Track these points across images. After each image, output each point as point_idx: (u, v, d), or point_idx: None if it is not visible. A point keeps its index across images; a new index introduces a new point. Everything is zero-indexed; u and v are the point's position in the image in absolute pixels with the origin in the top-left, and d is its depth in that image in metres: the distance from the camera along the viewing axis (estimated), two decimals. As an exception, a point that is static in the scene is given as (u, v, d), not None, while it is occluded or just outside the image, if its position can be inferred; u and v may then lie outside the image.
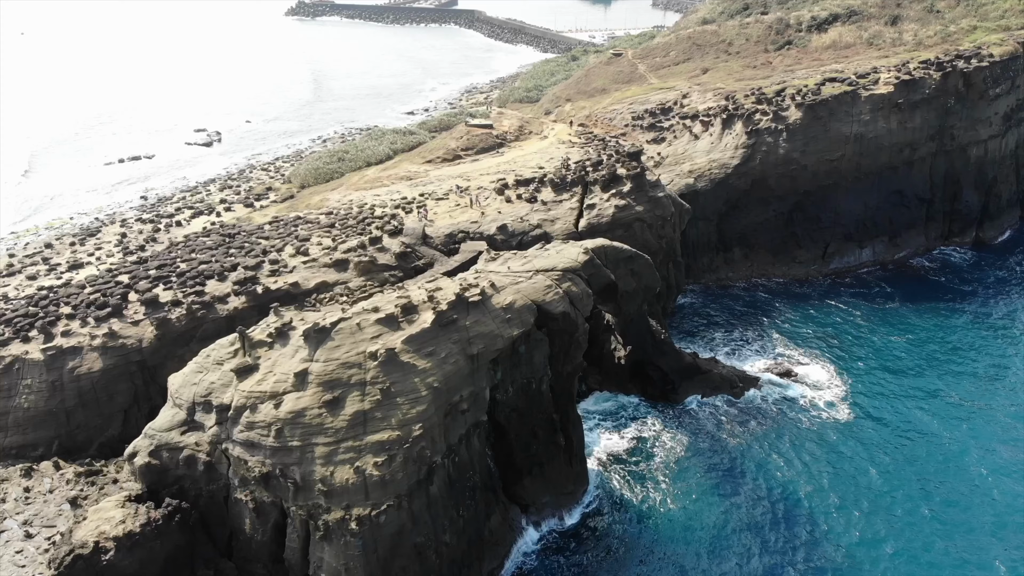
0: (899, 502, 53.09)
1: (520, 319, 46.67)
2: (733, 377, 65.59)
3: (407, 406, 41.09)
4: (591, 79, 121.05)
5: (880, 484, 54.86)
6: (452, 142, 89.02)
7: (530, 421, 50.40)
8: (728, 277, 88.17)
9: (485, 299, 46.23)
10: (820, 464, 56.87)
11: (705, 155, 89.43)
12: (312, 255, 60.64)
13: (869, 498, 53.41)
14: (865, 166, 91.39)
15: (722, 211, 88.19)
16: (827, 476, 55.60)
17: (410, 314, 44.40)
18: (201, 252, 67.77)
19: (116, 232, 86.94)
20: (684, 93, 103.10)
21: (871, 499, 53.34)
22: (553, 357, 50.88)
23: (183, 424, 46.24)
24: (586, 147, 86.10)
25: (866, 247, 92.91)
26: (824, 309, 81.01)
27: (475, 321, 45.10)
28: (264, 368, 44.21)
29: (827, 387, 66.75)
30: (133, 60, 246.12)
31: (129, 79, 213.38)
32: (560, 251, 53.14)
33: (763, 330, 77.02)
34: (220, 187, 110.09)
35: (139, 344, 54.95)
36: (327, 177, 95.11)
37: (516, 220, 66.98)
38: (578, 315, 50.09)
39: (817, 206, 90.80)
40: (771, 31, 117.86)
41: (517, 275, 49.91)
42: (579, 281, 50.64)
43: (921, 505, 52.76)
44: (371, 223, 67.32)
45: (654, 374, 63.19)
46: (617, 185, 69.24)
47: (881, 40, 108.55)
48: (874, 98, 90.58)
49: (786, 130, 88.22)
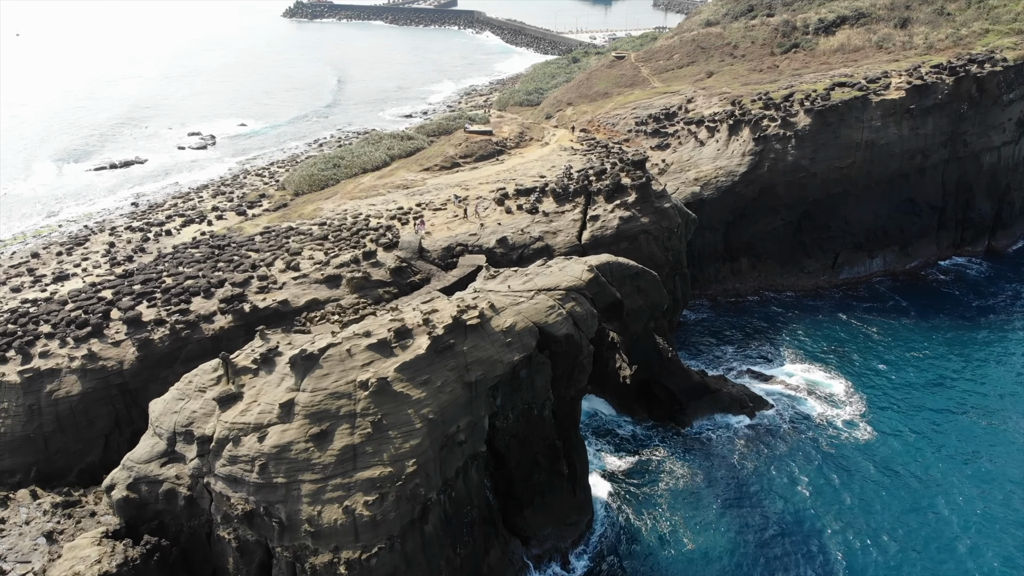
0: (931, 538, 49.84)
1: (521, 343, 43.96)
2: (743, 396, 62.88)
3: (400, 440, 38.36)
4: (593, 82, 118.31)
5: (910, 517, 51.58)
6: (450, 149, 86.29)
7: (531, 449, 47.70)
8: (735, 288, 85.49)
9: (484, 322, 43.51)
10: (843, 491, 53.89)
11: (711, 162, 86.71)
12: (303, 270, 57.90)
13: (896, 532, 50.41)
14: (876, 173, 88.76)
15: (729, 220, 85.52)
16: (851, 505, 52.63)
17: (404, 339, 41.68)
18: (189, 265, 65.07)
19: (105, 241, 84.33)
20: (689, 97, 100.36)
21: (898, 533, 50.31)
22: (556, 380, 48.17)
23: (163, 455, 43.59)
24: (588, 154, 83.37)
25: (876, 256, 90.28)
26: (836, 322, 78.33)
27: (473, 346, 42.38)
28: (248, 397, 41.49)
29: (843, 404, 64.08)
30: (127, 62, 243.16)
31: (122, 81, 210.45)
32: (563, 268, 50.42)
33: (774, 344, 74.34)
34: (213, 193, 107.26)
35: (120, 366, 52.22)
36: (322, 184, 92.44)
37: (516, 232, 64.27)
38: (582, 337, 47.38)
39: (826, 215, 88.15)
40: (777, 33, 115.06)
41: (518, 295, 47.19)
42: (583, 301, 47.92)
43: (958, 542, 49.40)
44: (365, 235, 64.58)
45: (661, 394, 60.49)
46: (622, 195, 66.52)
47: (891, 43, 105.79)
48: (885, 103, 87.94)
49: (795, 136, 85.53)
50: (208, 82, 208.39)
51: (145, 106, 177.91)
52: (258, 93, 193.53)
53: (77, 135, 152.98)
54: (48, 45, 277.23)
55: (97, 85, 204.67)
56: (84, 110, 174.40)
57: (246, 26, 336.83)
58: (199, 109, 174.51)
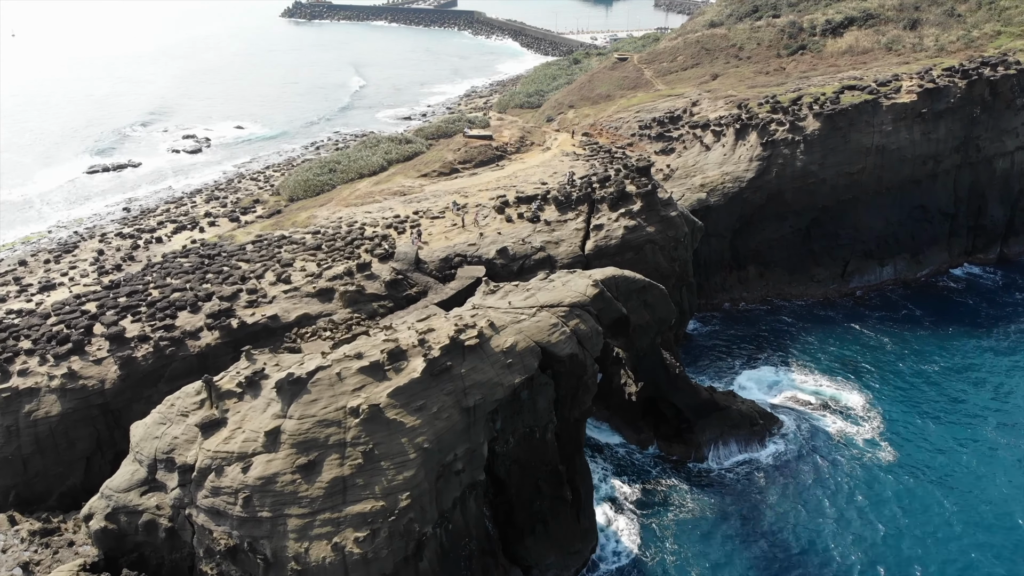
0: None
1: (523, 364, 41.49)
2: (753, 412, 60.36)
3: (393, 471, 35.90)
4: (595, 84, 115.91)
5: (941, 549, 48.41)
6: (449, 154, 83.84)
7: (533, 474, 45.23)
8: (743, 297, 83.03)
9: (483, 342, 41.06)
10: (867, 521, 50.73)
11: (717, 167, 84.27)
12: (294, 283, 55.46)
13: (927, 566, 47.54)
14: (887, 179, 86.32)
15: (736, 227, 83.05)
16: (879, 537, 49.46)
17: (398, 361, 39.22)
18: (177, 276, 62.63)
19: (94, 249, 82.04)
20: (693, 100, 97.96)
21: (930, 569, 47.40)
22: (559, 402, 45.71)
23: (143, 483, 41.14)
24: (591, 160, 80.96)
25: (887, 265, 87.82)
26: (848, 332, 75.87)
27: (472, 368, 39.91)
28: (232, 423, 39.05)
29: (861, 421, 61.52)
30: (122, 63, 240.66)
31: (116, 83, 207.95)
32: (566, 283, 47.95)
33: (784, 356, 71.89)
34: (206, 198, 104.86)
35: (101, 385, 49.79)
36: (317, 189, 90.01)
37: (517, 242, 61.83)
38: (587, 356, 44.92)
39: (836, 222, 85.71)
40: (783, 35, 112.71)
41: (519, 312, 44.72)
42: (588, 318, 45.45)
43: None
44: (360, 245, 62.16)
45: (668, 411, 58.01)
46: (626, 204, 64.09)
47: (900, 45, 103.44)
48: (896, 107, 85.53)
49: (803, 141, 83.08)
50: (203, 84, 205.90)
51: (139, 108, 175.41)
52: (254, 95, 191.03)
53: (70, 137, 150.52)
54: (44, 46, 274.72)
55: (91, 86, 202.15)
56: (78, 112, 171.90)
57: (244, 26, 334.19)
58: (194, 111, 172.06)
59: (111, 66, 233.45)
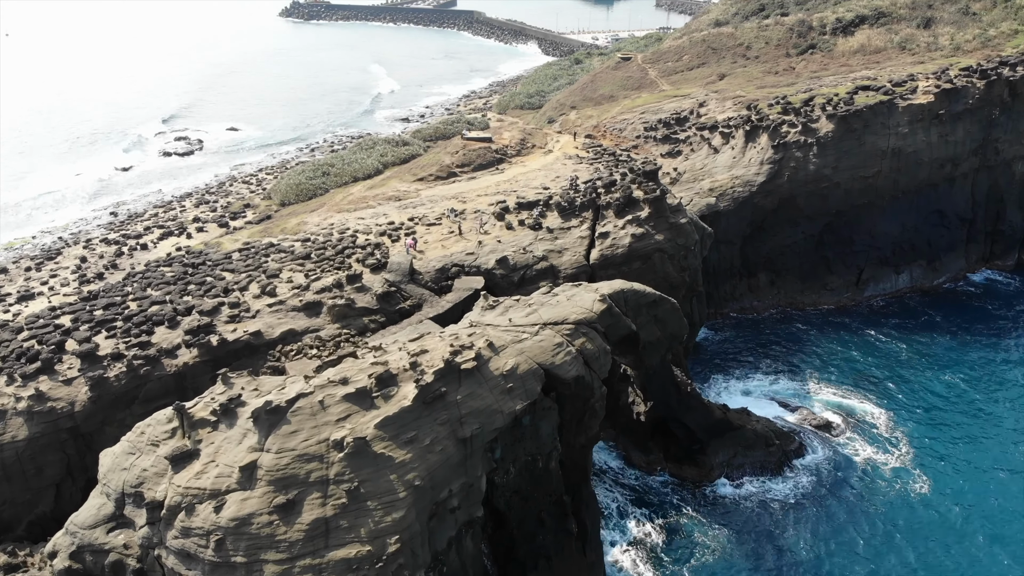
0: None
1: (524, 388, 37.95)
2: (769, 432, 56.88)
3: (380, 512, 32.34)
4: (597, 85, 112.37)
5: None
6: (446, 157, 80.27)
7: (536, 506, 41.70)
8: (753, 306, 79.54)
9: (481, 364, 37.52)
10: (899, 554, 47.15)
11: (727, 171, 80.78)
12: (280, 295, 51.93)
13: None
14: (903, 183, 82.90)
15: (746, 233, 79.59)
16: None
17: (387, 386, 35.66)
18: (157, 287, 59.16)
19: (77, 255, 78.62)
20: (700, 101, 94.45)
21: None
22: (563, 427, 42.18)
23: (110, 519, 37.60)
24: (595, 163, 77.42)
25: (903, 272, 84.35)
26: (865, 342, 72.41)
27: (468, 394, 36.37)
28: (205, 455, 35.49)
29: (882, 439, 57.99)
30: (114, 63, 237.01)
31: (108, 83, 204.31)
32: (571, 297, 44.40)
33: (798, 368, 68.42)
34: (196, 202, 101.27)
35: (70, 408, 46.29)
36: (310, 193, 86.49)
37: (518, 251, 58.29)
38: (594, 378, 41.40)
39: (850, 227, 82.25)
40: (792, 34, 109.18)
41: (520, 330, 41.18)
42: (595, 336, 41.92)
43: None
44: (352, 254, 58.64)
45: (678, 432, 54.49)
46: (633, 210, 60.55)
47: (915, 44, 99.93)
48: (913, 108, 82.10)
49: (816, 143, 79.63)
50: (197, 85, 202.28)
51: (130, 108, 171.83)
52: (248, 96, 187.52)
53: (59, 138, 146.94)
54: (37, 46, 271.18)
55: (82, 86, 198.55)
56: (64, 113, 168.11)
57: (240, 26, 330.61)
58: (187, 112, 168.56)
59: (100, 67, 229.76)
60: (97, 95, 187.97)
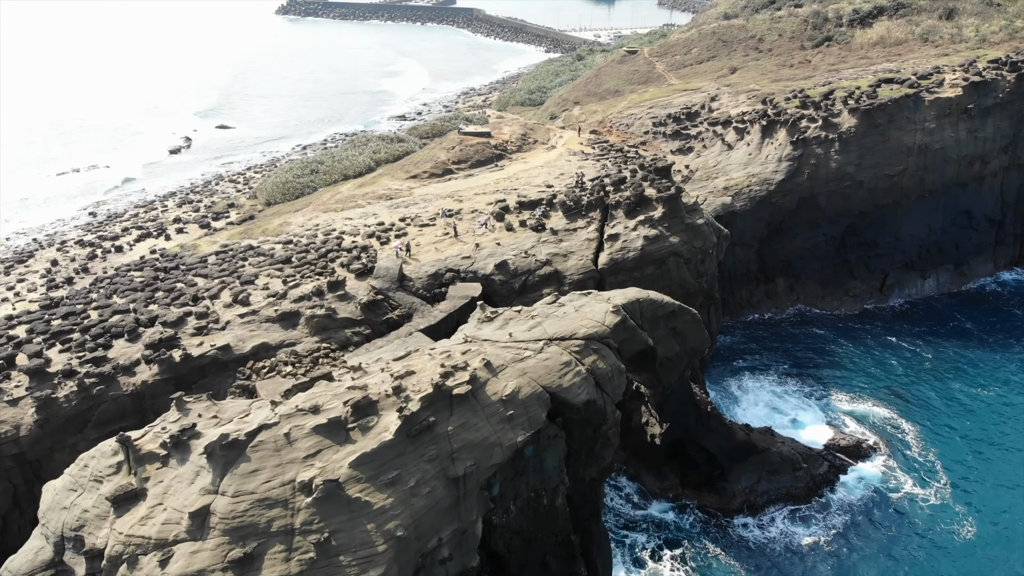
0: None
1: (527, 416, 32.65)
2: (795, 455, 51.56)
3: (356, 569, 27.04)
4: (602, 79, 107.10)
5: None
6: (442, 153, 74.89)
7: (540, 548, 36.38)
8: (771, 313, 74.19)
9: (477, 389, 32.22)
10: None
11: (742, 168, 75.49)
12: (253, 304, 46.58)
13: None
14: (930, 182, 77.60)
15: (763, 235, 74.32)
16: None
17: (365, 416, 30.34)
18: (123, 294, 53.83)
19: (49, 258, 73.46)
20: (712, 95, 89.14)
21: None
22: (572, 457, 36.89)
23: (48, 566, 32.19)
24: (602, 159, 72.10)
25: (929, 277, 79.06)
26: (891, 351, 67.20)
27: (462, 424, 31.06)
28: (152, 497, 30.19)
29: (920, 470, 52.50)
30: (105, 62, 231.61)
31: (98, 82, 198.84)
32: (580, 308, 39.07)
33: (821, 381, 63.18)
34: (179, 202, 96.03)
35: (15, 432, 40.98)
36: (297, 192, 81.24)
37: (519, 254, 52.95)
38: (607, 401, 36.10)
39: (874, 229, 76.93)
40: (807, 26, 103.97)
41: (522, 346, 35.86)
42: (608, 353, 36.61)
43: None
44: (336, 257, 53.33)
45: (697, 456, 49.16)
46: (646, 210, 55.24)
47: (937, 36, 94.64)
48: (940, 102, 76.87)
49: (838, 139, 74.34)
50: (188, 82, 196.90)
51: (117, 107, 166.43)
52: (240, 93, 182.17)
53: (34, 138, 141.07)
54: (29, 45, 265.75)
55: (67, 86, 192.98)
56: (46, 111, 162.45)
57: (236, 24, 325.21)
58: (176, 109, 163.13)
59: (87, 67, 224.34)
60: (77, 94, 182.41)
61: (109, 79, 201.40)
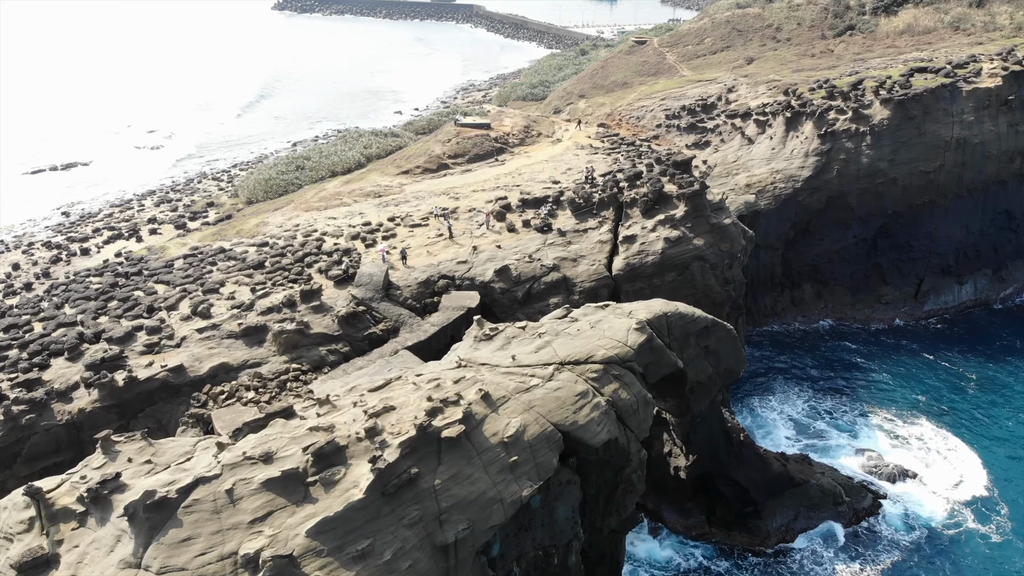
0: None
1: (535, 462, 26.36)
2: (837, 486, 45.24)
3: (313, 675, 20.71)
4: (609, 71, 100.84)
5: None
6: (437, 147, 68.53)
7: (549, 615, 29.98)
8: (797, 323, 67.89)
9: (472, 429, 25.92)
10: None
11: (765, 164, 69.18)
12: (215, 316, 40.30)
13: None
14: (968, 179, 71.20)
15: (789, 237, 68.03)
16: None
17: (330, 466, 24.04)
18: (75, 303, 47.62)
19: (12, 262, 67.63)
20: (729, 86, 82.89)
21: None
22: (587, 505, 30.59)
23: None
24: (613, 153, 65.81)
25: (966, 282, 72.69)
26: (931, 369, 60.89)
27: (452, 476, 24.76)
28: (65, 567, 23.93)
29: (977, 504, 46.07)
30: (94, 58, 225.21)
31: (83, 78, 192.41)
32: (597, 324, 32.75)
33: (856, 399, 56.90)
34: (157, 201, 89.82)
35: (-74, 469, 34.72)
36: (280, 190, 75.07)
37: (522, 259, 46.67)
38: (631, 439, 29.80)
39: (908, 231, 70.61)
40: (827, 14, 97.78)
41: (528, 373, 29.56)
42: (632, 380, 30.30)
43: None
44: (315, 262, 47.11)
45: (727, 491, 42.80)
46: (666, 208, 48.96)
47: (969, 24, 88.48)
48: (978, 93, 70.62)
49: (870, 132, 68.03)
50: (179, 79, 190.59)
51: (103, 103, 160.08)
52: (232, 89, 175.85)
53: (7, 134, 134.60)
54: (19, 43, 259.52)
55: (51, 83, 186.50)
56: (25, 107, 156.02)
57: (232, 20, 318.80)
58: (164, 106, 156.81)
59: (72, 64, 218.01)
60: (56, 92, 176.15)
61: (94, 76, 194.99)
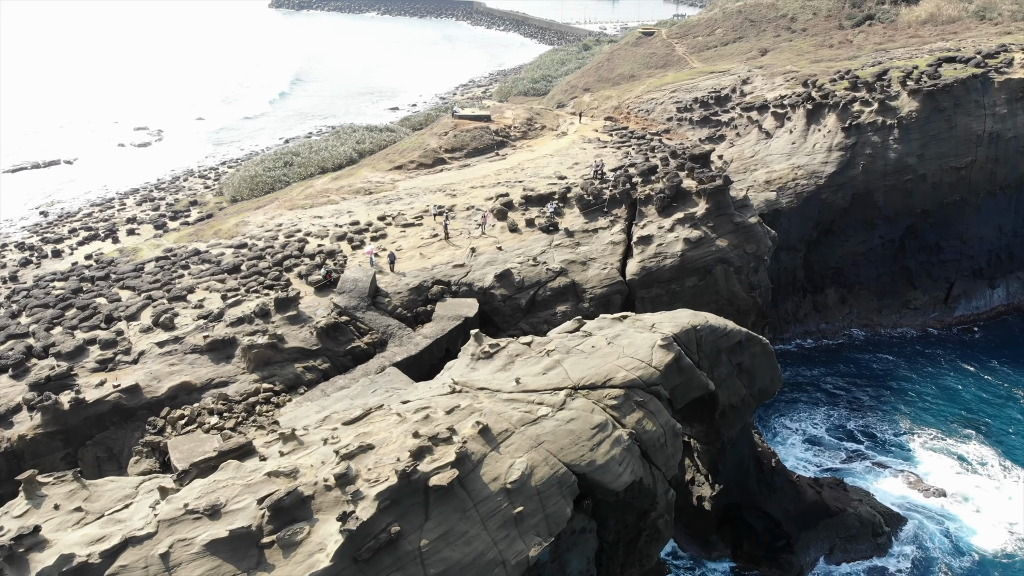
0: None
1: (544, 515, 21.69)
2: (876, 515, 40.61)
3: None
4: (615, 64, 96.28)
5: None
6: (432, 140, 63.85)
7: None
8: (821, 329, 63.28)
9: (467, 474, 21.26)
10: None
11: (785, 159, 64.58)
12: (179, 328, 35.66)
13: None
14: (1001, 176, 66.62)
15: (811, 238, 63.37)
16: None
17: (290, 523, 19.35)
18: (33, 310, 43.01)
19: (-20, 265, 62.95)
20: (744, 78, 78.24)
21: None
22: (605, 554, 25.89)
23: None
24: (624, 147, 61.16)
25: (998, 286, 68.16)
26: (974, 378, 56.46)
27: (442, 535, 20.07)
28: (-41, 646, 19.25)
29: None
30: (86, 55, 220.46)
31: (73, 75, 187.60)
32: (615, 340, 28.08)
33: (890, 417, 52.30)
34: (140, 200, 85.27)
35: None
36: (267, 187, 70.56)
37: (526, 262, 42.03)
38: (657, 479, 25.12)
39: (937, 231, 66.00)
40: (845, 3, 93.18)
41: (535, 399, 24.89)
42: (658, 407, 25.65)
43: None
44: (294, 266, 42.47)
45: (757, 523, 38.12)
46: (684, 205, 44.33)
47: (996, 13, 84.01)
48: (1012, 84, 66.09)
49: (897, 125, 63.42)
50: (171, 75, 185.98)
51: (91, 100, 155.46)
52: (226, 86, 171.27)
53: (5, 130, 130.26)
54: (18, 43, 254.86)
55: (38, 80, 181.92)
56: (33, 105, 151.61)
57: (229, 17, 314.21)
58: (154, 102, 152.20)
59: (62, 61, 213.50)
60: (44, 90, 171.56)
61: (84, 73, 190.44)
